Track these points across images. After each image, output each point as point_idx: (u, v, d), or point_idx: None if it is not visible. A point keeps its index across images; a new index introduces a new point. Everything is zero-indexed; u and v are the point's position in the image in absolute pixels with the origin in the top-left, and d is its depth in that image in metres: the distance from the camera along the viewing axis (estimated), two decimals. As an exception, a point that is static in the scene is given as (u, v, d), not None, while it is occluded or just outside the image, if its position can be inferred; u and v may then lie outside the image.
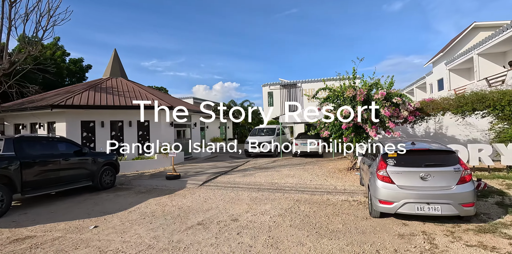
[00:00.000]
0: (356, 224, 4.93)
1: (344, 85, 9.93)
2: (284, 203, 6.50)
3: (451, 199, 4.30)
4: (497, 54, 15.50)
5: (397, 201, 4.55)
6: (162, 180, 9.68)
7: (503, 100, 8.48)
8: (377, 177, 4.87)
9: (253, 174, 10.30)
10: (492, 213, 5.16)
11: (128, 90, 15.25)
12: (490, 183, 7.44)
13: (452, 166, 4.46)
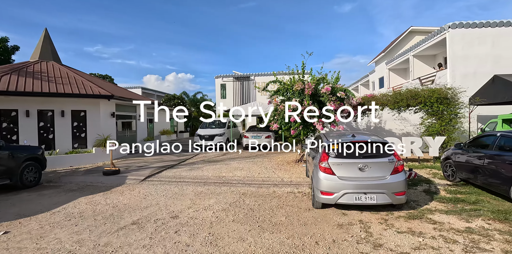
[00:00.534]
0: (299, 216, 4.94)
1: (294, 78, 10.01)
2: (229, 197, 6.31)
3: (385, 188, 4.51)
4: (429, 56, 17.12)
5: (337, 191, 4.65)
6: (98, 176, 8.80)
7: (432, 97, 9.31)
8: (319, 168, 4.92)
9: (201, 168, 9.93)
10: (420, 200, 5.59)
11: (61, 75, 13.54)
12: (419, 173, 8.14)
13: (387, 157, 4.68)
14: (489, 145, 5.66)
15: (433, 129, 9.67)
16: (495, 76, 9.90)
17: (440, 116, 9.58)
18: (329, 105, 9.00)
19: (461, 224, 4.23)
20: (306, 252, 3.56)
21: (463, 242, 3.63)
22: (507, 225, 4.14)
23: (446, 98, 9.45)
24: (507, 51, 12.59)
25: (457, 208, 4.95)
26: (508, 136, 5.26)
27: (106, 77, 51.01)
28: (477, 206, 5.06)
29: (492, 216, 4.44)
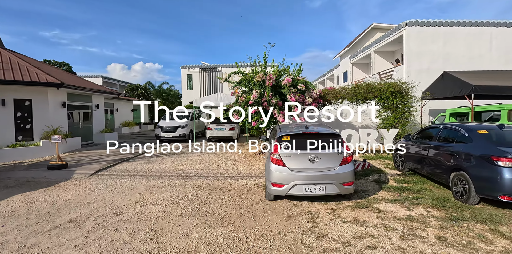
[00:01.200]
0: (250, 208, 4.85)
1: (255, 69, 9.85)
2: (182, 190, 6.07)
3: (334, 179, 4.55)
4: (389, 52, 17.82)
5: (287, 183, 4.61)
6: (42, 171, 8.08)
7: (387, 91, 9.66)
8: (270, 160, 4.84)
9: (159, 160, 9.53)
10: (369, 189, 5.76)
11: (1, 60, 12.18)
12: (373, 163, 8.45)
13: (336, 148, 4.71)
14: (433, 136, 5.95)
15: (388, 122, 10.09)
16: (444, 73, 10.48)
17: (394, 109, 9.99)
18: (289, 97, 8.99)
19: (402, 212, 4.39)
20: (249, 245, 3.46)
21: (401, 229, 3.75)
22: (443, 211, 4.37)
23: (400, 92, 9.85)
24: (456, 49, 13.42)
25: (402, 197, 5.16)
26: (450, 128, 5.56)
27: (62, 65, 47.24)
28: (420, 194, 5.31)
29: (431, 203, 4.67)
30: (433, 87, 10.89)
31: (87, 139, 14.69)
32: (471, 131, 4.93)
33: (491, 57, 13.46)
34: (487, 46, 13.55)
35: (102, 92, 15.19)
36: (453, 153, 5.01)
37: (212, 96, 14.07)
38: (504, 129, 4.88)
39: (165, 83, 47.72)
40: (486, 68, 12.01)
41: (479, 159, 4.46)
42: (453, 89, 9.76)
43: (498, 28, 13.57)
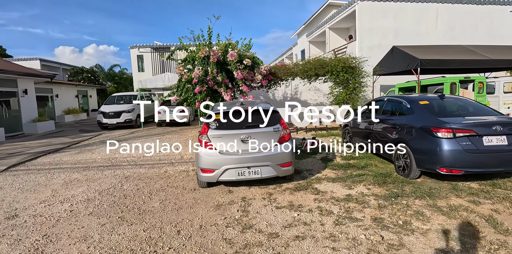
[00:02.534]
0: (178, 198, 4.22)
1: (200, 45, 8.92)
2: (107, 182, 5.24)
3: (269, 160, 4.04)
4: (343, 29, 17.59)
5: (218, 168, 4.02)
6: None
7: (338, 66, 9.33)
8: (199, 143, 4.19)
9: (93, 150, 8.45)
10: (314, 169, 5.41)
11: None
12: (324, 141, 8.18)
13: (272, 126, 4.17)
14: (377, 110, 5.68)
15: (340, 98, 9.87)
16: (393, 47, 10.38)
17: (346, 85, 9.75)
18: (235, 74, 8.28)
19: (342, 192, 4.04)
20: (158, 246, 2.85)
21: (337, 213, 3.37)
22: (384, 188, 4.10)
23: (351, 67, 9.58)
24: (405, 25, 13.47)
25: (345, 175, 4.86)
26: (393, 100, 5.29)
27: (-6, 47, 41.52)
28: (364, 171, 5.05)
29: (373, 180, 4.39)
30: (383, 62, 10.81)
31: (15, 130, 12.86)
32: (413, 102, 4.67)
33: (437, 33, 13.73)
34: (434, 22, 13.76)
35: (29, 75, 13.20)
36: (396, 126, 4.75)
37: (159, 77, 12.86)
38: (445, 99, 4.68)
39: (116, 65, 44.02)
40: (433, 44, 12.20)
41: (419, 131, 4.20)
42: (401, 63, 9.71)
43: (444, 4, 13.78)
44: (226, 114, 4.30)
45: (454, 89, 8.70)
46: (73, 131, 13.82)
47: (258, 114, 4.35)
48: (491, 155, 3.77)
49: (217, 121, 4.22)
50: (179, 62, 9.58)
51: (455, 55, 9.50)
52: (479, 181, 4.18)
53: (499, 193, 3.70)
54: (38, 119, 14.12)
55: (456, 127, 3.81)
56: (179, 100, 8.93)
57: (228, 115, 4.29)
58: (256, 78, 9.01)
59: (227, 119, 4.27)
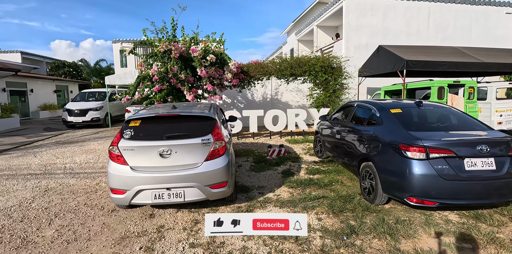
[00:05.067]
0: (84, 224, 3.35)
1: (161, 38, 8.01)
2: (18, 197, 4.34)
3: (195, 180, 3.18)
4: (331, 28, 16.77)
5: (129, 188, 3.15)
6: None
7: (316, 65, 8.49)
8: (109, 156, 3.31)
9: (39, 153, 7.52)
10: (268, 185, 4.55)
11: None
12: (296, 148, 7.36)
13: (201, 137, 3.30)
14: (347, 117, 4.85)
15: (319, 101, 9.05)
16: (379, 47, 9.58)
17: (325, 87, 8.93)
18: (199, 71, 7.39)
19: (286, 223, 3.20)
20: None
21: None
22: (339, 219, 3.25)
23: (331, 67, 8.76)
24: (395, 24, 12.69)
25: (302, 196, 4.01)
26: (363, 106, 4.45)
27: (-21, 38, 40.16)
28: (325, 190, 4.21)
29: (328, 206, 3.53)
30: (369, 62, 10.00)
31: (-29, 126, 11.85)
32: (383, 110, 3.83)
33: (428, 33, 12.97)
34: (425, 21, 13.00)
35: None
36: (363, 138, 3.92)
37: (128, 73, 11.88)
38: (421, 107, 3.85)
39: (102, 60, 42.79)
40: (424, 45, 11.44)
41: (387, 147, 3.37)
42: (387, 64, 8.91)
43: (436, 3, 13.02)
44: (146, 120, 3.43)
45: (442, 94, 7.93)
46: (38, 129, 12.81)
47: (186, 121, 3.48)
48: (474, 183, 2.93)
49: (133, 129, 3.34)
50: (142, 57, 8.68)
51: (446, 57, 8.72)
52: (459, 212, 3.36)
53: (483, 231, 2.88)
54: (2, 116, 13.09)
55: (430, 145, 2.97)
56: (135, 100, 8.02)
57: (149, 122, 3.42)
58: (225, 77, 8.13)
59: (147, 126, 3.39)
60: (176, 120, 3.46)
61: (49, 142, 9.21)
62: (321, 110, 8.64)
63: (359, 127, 4.24)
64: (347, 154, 4.46)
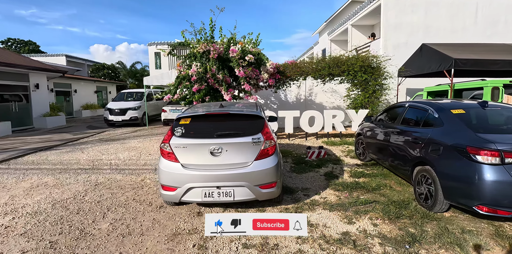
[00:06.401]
0: (135, 219, 3.44)
1: (201, 39, 8.16)
2: (72, 190, 4.58)
3: (245, 180, 3.14)
4: (367, 27, 16.22)
5: (180, 186, 3.18)
6: None
7: (355, 65, 8.21)
8: (161, 153, 3.37)
9: (85, 149, 7.95)
10: (313, 187, 4.42)
11: None
12: (334, 150, 7.14)
13: (251, 136, 3.26)
14: (397, 118, 4.59)
15: (357, 102, 8.73)
16: (423, 45, 9.07)
17: (364, 87, 8.60)
18: (237, 71, 7.43)
19: (339, 228, 3.06)
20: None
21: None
22: (396, 225, 3.06)
23: (370, 67, 8.42)
24: (438, 21, 11.98)
25: (350, 199, 3.84)
26: (417, 106, 4.19)
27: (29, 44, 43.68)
28: (375, 195, 4.01)
29: (383, 212, 3.35)
30: (411, 62, 9.51)
31: (25, 124, 12.84)
32: (443, 111, 3.56)
33: (475, 29, 12.10)
34: (472, 17, 12.13)
35: (39, 70, 13.12)
36: (418, 141, 3.67)
37: (165, 74, 12.27)
38: (487, 107, 3.54)
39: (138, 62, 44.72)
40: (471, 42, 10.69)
41: (450, 150, 3.12)
42: (432, 63, 8.41)
43: (486, -2, 12.13)
44: (195, 118, 3.46)
45: (496, 95, 7.31)
46: (81, 127, 13.62)
47: (236, 120, 3.46)
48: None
49: (184, 127, 3.38)
50: (181, 58, 8.90)
51: (498, 55, 8.06)
52: (532, 222, 3.04)
53: None
54: (49, 114, 14.06)
55: (505, 149, 2.70)
56: (174, 99, 8.22)
57: (198, 120, 3.44)
58: (262, 77, 8.11)
59: (197, 124, 3.42)
60: (225, 118, 3.46)
61: (93, 139, 9.72)
62: (360, 111, 8.34)
63: (413, 129, 3.98)
64: (397, 157, 4.22)
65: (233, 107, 3.87)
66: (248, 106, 4.12)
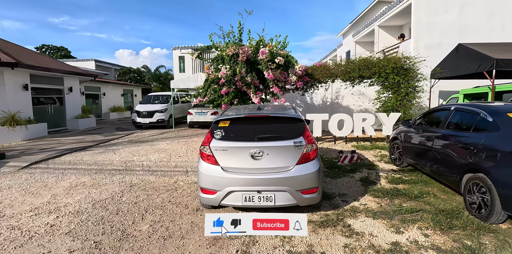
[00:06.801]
0: (174, 221, 3.45)
1: (229, 42, 8.21)
2: (109, 190, 4.69)
3: (287, 184, 3.06)
4: (395, 27, 15.74)
5: (220, 189, 3.15)
6: (-29, 162, 6.86)
7: (387, 67, 7.93)
8: (200, 156, 3.37)
9: (117, 150, 8.19)
10: (350, 193, 4.27)
11: (-48, 37, 10.77)
12: (366, 155, 6.91)
13: (293, 139, 3.18)
14: (441, 122, 4.35)
15: (389, 105, 8.43)
16: (459, 45, 8.65)
17: (396, 90, 8.29)
18: (266, 74, 7.39)
19: (387, 237, 2.90)
20: None
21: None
22: (450, 237, 2.86)
23: (403, 68, 8.12)
24: (474, 20, 11.40)
25: (392, 207, 3.66)
26: (465, 110, 3.94)
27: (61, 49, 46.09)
28: (419, 202, 3.80)
29: (433, 221, 3.15)
30: (446, 63, 9.09)
31: (59, 125, 13.46)
32: (498, 114, 3.32)
33: (516, 28, 11.41)
34: None
35: (74, 74, 13.76)
36: (469, 146, 3.44)
37: (192, 77, 12.49)
38: (548, 110, 3.26)
39: (162, 66, 46.01)
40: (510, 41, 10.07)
41: (509, 156, 2.89)
42: (470, 64, 7.98)
43: (528, -6, 11.42)
44: (235, 121, 3.43)
45: (543, 97, 6.81)
46: (111, 128, 14.09)
47: (276, 122, 3.39)
48: None
49: (223, 129, 3.36)
50: (208, 61, 9.00)
51: (544, 55, 7.52)
52: None
53: None
54: (80, 116, 14.68)
55: None
56: (203, 102, 8.30)
57: (238, 123, 3.40)
58: (290, 80, 8.03)
59: (236, 127, 3.39)
60: (265, 121, 3.41)
61: (123, 141, 10.01)
62: (391, 114, 8.04)
63: (461, 134, 3.75)
64: (442, 163, 3.99)
65: (272, 110, 3.82)
66: (285, 108, 4.05)
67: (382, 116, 8.08)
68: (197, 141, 9.42)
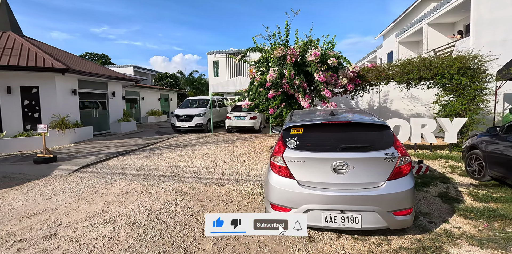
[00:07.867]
0: (239, 240, 3.09)
1: (275, 43, 7.87)
2: (161, 199, 4.48)
3: (377, 204, 2.58)
4: (447, 25, 14.52)
5: (296, 206, 2.74)
6: (27, 165, 7.12)
7: (452, 67, 7.12)
8: (270, 167, 2.99)
9: (160, 154, 8.13)
10: (434, 212, 3.66)
11: (13, 47, 11.53)
12: (432, 165, 6.17)
13: (383, 150, 2.70)
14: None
15: (451, 109, 7.57)
16: (536, 41, 7.59)
17: (461, 93, 7.43)
18: (316, 76, 6.93)
19: (513, 276, 2.31)
20: None
21: None
22: None
23: (470, 68, 7.25)
24: (548, 13, 10.09)
25: (496, 232, 3.02)
26: None
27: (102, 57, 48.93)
28: (528, 227, 3.12)
29: None
30: (517, 62, 8.03)
31: (103, 129, 13.93)
32: None
33: None
34: None
35: (117, 79, 14.23)
36: None
37: (230, 81, 12.34)
38: None
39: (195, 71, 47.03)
40: None
41: None
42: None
43: None
44: (310, 127, 3.01)
45: None
46: (150, 132, 14.33)
47: (360, 130, 2.93)
48: None
49: (298, 137, 2.95)
50: (251, 64, 8.71)
51: None
52: None
53: None
54: (122, 120, 15.14)
55: None
56: (251, 105, 7.99)
57: (314, 130, 2.98)
58: (340, 82, 7.49)
59: (313, 135, 2.97)
60: (346, 128, 2.96)
61: (165, 145, 10.00)
62: (455, 120, 7.19)
63: None
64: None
65: (349, 115, 3.36)
66: (361, 113, 3.57)
67: (445, 122, 7.25)
68: (239, 147, 9.13)
